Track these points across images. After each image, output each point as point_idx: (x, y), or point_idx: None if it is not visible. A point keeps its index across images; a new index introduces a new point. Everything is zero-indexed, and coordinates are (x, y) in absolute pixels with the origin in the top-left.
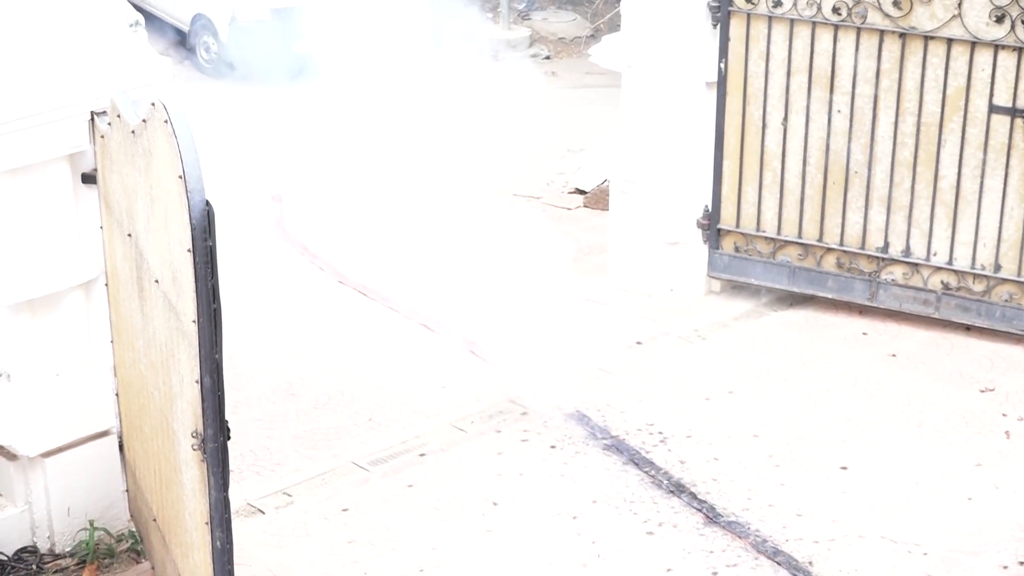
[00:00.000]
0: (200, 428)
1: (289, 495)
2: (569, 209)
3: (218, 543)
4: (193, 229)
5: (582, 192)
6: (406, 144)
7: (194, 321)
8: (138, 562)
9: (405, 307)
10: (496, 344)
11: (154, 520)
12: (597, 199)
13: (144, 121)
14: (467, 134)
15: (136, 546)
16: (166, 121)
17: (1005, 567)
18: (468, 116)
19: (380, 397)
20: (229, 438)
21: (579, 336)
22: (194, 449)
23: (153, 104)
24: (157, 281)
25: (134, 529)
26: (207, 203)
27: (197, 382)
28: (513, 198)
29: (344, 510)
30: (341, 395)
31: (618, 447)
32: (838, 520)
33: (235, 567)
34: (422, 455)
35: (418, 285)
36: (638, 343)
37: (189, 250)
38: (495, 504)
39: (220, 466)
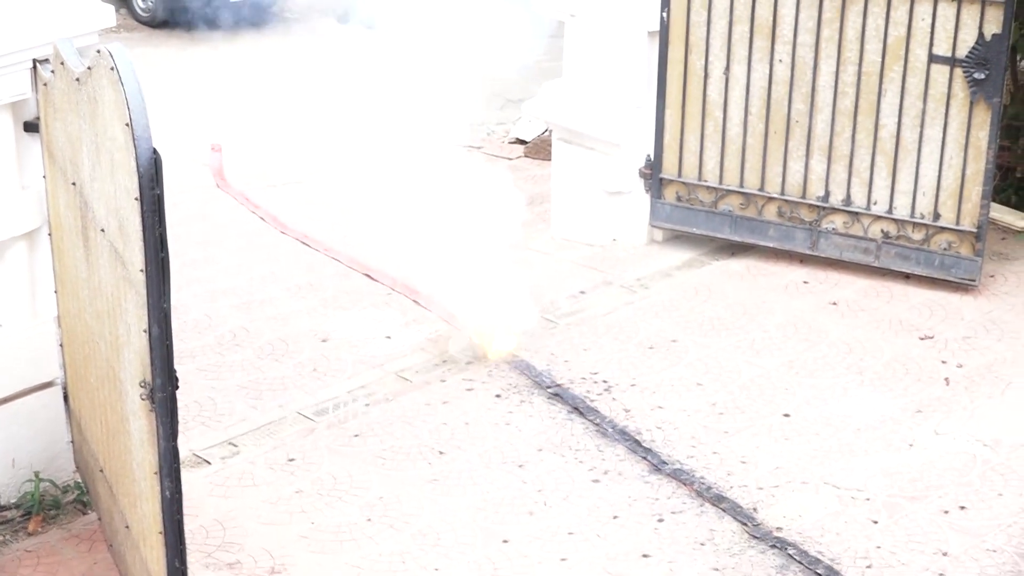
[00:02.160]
0: (148, 378)
1: (235, 445)
2: (510, 159)
3: (167, 493)
4: (140, 177)
5: (523, 142)
6: (343, 94)
7: (142, 270)
8: (84, 513)
9: (347, 256)
10: (440, 293)
11: (101, 471)
12: (538, 149)
13: (89, 69)
14: (405, 83)
15: (82, 497)
16: (112, 68)
17: (946, 512)
18: (404, 64)
19: (325, 347)
20: (177, 387)
21: (522, 285)
22: (142, 399)
23: (99, 51)
24: (103, 230)
25: (80, 480)
26: (154, 151)
27: (145, 331)
28: (453, 148)
29: (290, 460)
30: (285, 345)
31: (563, 396)
32: (782, 467)
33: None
34: (367, 405)
35: (359, 234)
36: (581, 292)
37: (136, 198)
38: (441, 453)
39: (169, 416)
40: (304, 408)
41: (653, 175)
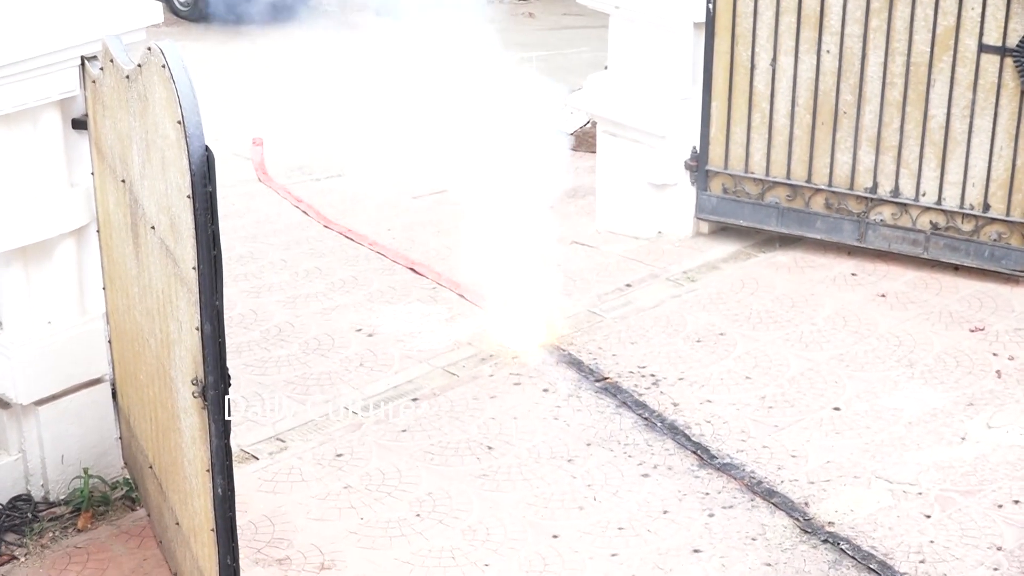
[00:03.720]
0: (201, 375)
1: (282, 441)
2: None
3: (219, 490)
4: (193, 175)
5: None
6: (384, 89)
7: (194, 268)
8: (133, 509)
9: (392, 251)
10: (486, 287)
11: (150, 467)
12: (581, 141)
13: (140, 66)
14: (443, 79)
15: (131, 493)
16: (163, 66)
17: (1000, 506)
18: (444, 61)
19: (371, 342)
20: (230, 385)
21: (569, 279)
22: (194, 396)
23: (150, 48)
24: (153, 227)
25: (128, 477)
26: (207, 148)
27: (197, 329)
28: (494, 141)
29: (338, 455)
30: (331, 340)
31: (610, 390)
32: (832, 461)
33: None
34: (415, 400)
35: (405, 228)
36: (628, 286)
37: (189, 196)
38: (489, 448)
39: (221, 413)
40: (351, 403)
41: (699, 167)
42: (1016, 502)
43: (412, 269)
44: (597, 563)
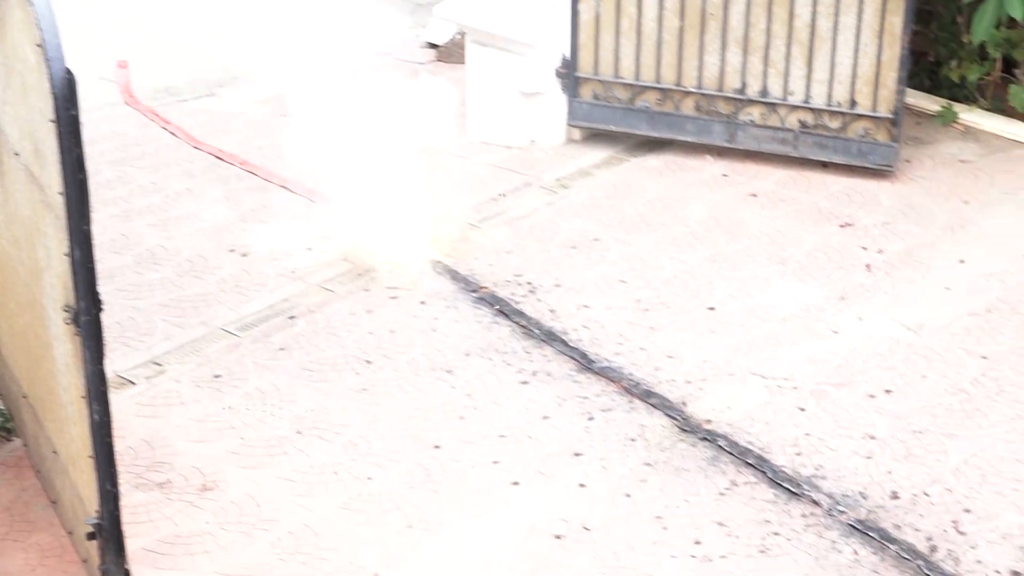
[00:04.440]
0: (72, 302)
1: (159, 364)
2: (422, 63)
3: (96, 416)
4: (55, 99)
5: (435, 46)
6: (251, 9)
7: (61, 193)
8: (9, 440)
9: (264, 169)
10: (359, 202)
11: (24, 397)
12: (450, 53)
13: None
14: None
15: (6, 424)
16: None
17: (872, 396)
18: None
19: (245, 262)
20: (102, 310)
21: (442, 190)
22: (66, 323)
23: None
24: (17, 154)
25: (2, 407)
26: (68, 71)
27: (67, 255)
28: (366, 58)
29: (216, 377)
30: (205, 262)
31: (487, 300)
32: (709, 360)
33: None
34: (292, 318)
35: (276, 146)
36: (501, 195)
37: (52, 120)
38: (368, 363)
39: (95, 339)
40: (228, 324)
41: (569, 74)
42: (888, 392)
43: (284, 187)
44: (479, 471)
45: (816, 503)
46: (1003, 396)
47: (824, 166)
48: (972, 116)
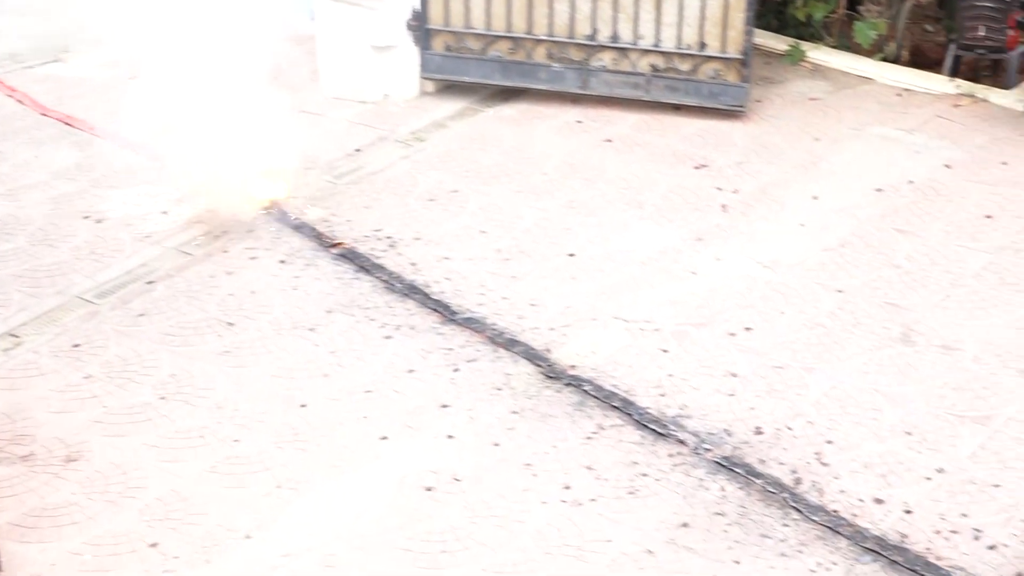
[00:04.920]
0: None
1: (16, 336)
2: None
3: None
4: None
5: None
6: None
7: None
8: None
9: (114, 134)
10: (214, 164)
11: None
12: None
13: None
14: None
15: None
16: None
17: (732, 334)
18: None
19: (100, 228)
20: None
21: (297, 148)
22: None
23: None
24: None
25: None
26: None
27: None
28: (214, 18)
29: (75, 346)
30: (59, 230)
31: (348, 256)
32: (571, 306)
33: None
34: (150, 283)
35: (126, 111)
36: (357, 150)
37: None
38: (230, 324)
39: None
40: (85, 292)
41: (420, 27)
42: (748, 329)
43: (137, 152)
44: (347, 427)
45: (682, 442)
46: (859, 328)
47: (677, 109)
48: (819, 54)
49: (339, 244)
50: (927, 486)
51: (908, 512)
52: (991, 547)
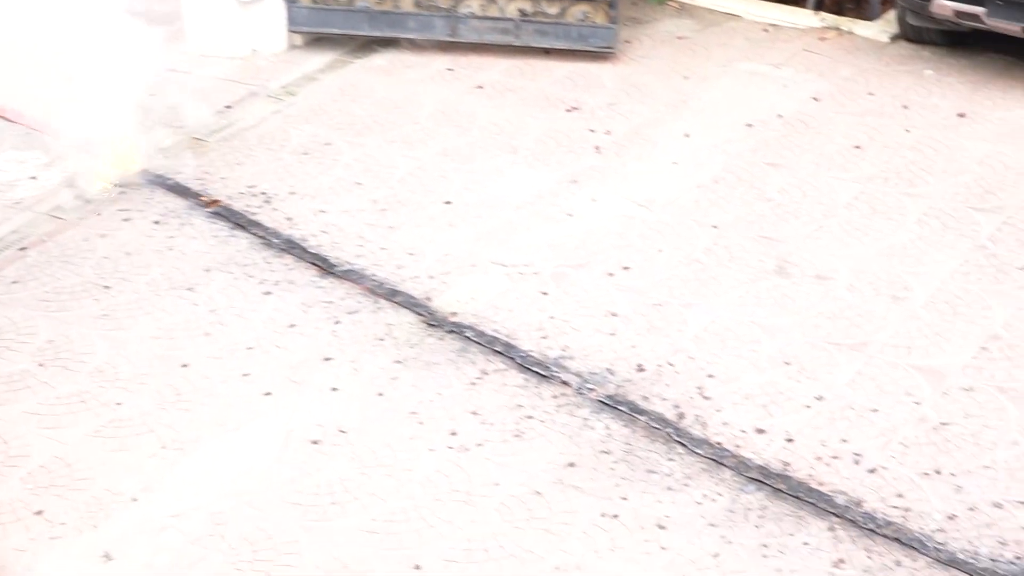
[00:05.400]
0: None
1: None
2: None
3: None
4: None
5: None
6: None
7: None
8: None
9: None
10: (82, 127)
11: None
12: None
13: None
14: None
15: None
16: None
17: (611, 274)
18: None
19: None
20: None
21: (167, 107)
22: None
23: None
24: None
25: None
26: None
27: None
28: None
29: None
30: None
31: (223, 213)
32: (450, 254)
33: None
34: (23, 249)
35: None
36: (227, 107)
37: None
38: (107, 288)
39: None
40: None
41: None
42: (626, 268)
43: (2, 117)
44: (230, 385)
45: (566, 383)
46: (735, 262)
47: (547, 53)
48: None
49: (214, 202)
50: (807, 414)
51: (790, 440)
52: (871, 470)
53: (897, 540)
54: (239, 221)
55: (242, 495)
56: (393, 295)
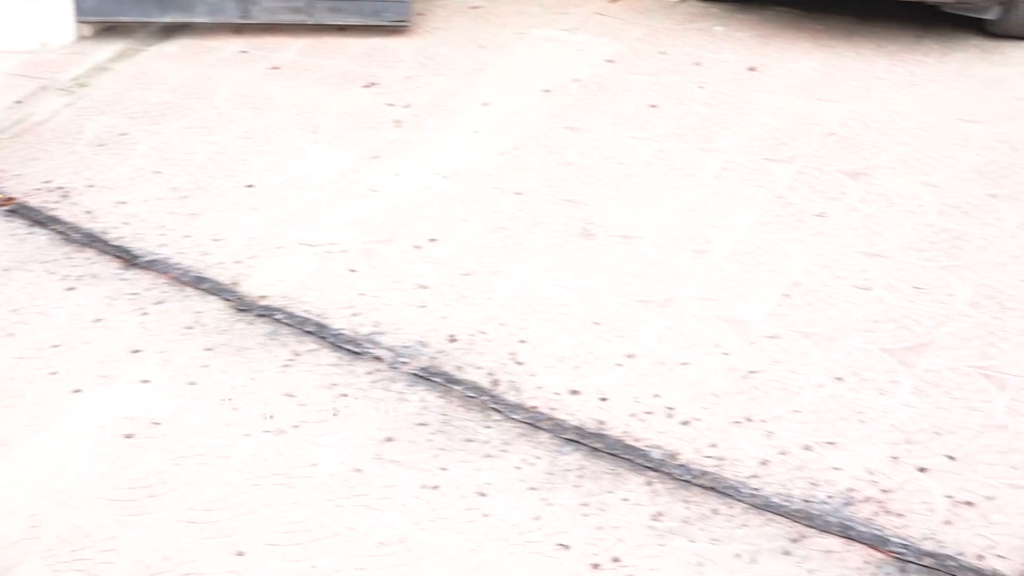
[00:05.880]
0: None
1: None
2: None
3: None
4: None
5: None
6: None
7: None
8: None
9: None
10: None
11: None
12: None
13: None
14: None
15: None
16: None
17: (418, 247)
18: None
19: None
20: None
21: None
22: None
23: None
24: None
25: None
26: None
27: None
28: None
29: None
30: None
31: (20, 211)
32: (255, 237)
33: None
34: None
35: None
36: (18, 102)
37: None
38: None
39: None
40: None
41: None
42: (432, 240)
43: None
44: (38, 384)
45: (379, 359)
46: (539, 227)
47: (342, 30)
48: None
49: (9, 200)
50: (619, 372)
51: (604, 399)
52: (684, 423)
53: (713, 489)
54: (37, 218)
55: (57, 495)
56: (200, 282)
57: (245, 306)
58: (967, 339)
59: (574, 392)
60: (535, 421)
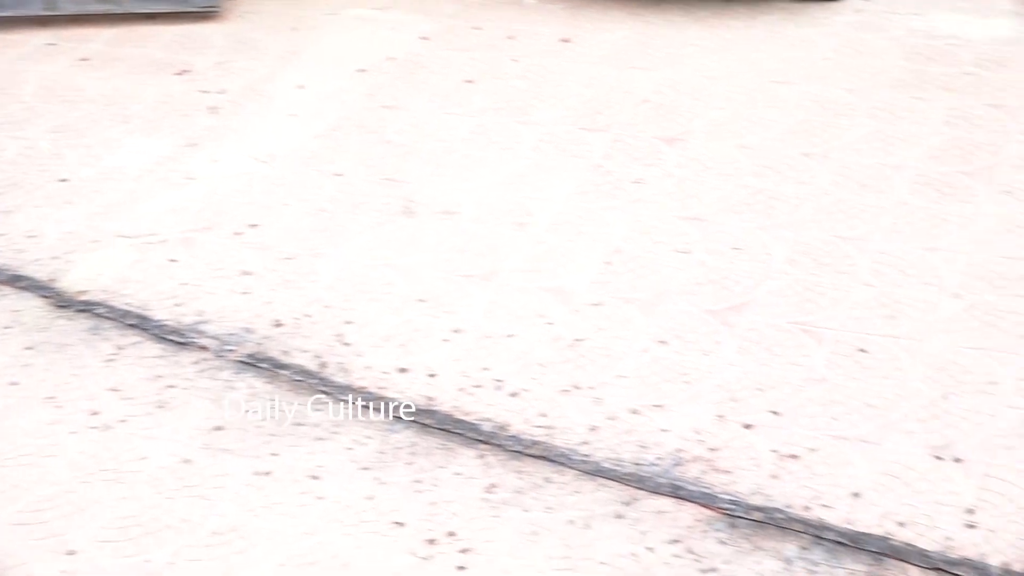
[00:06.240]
0: None
1: None
2: None
3: None
4: None
5: None
6: None
7: None
8: None
9: None
10: None
11: None
12: None
13: None
14: None
15: None
16: None
17: (239, 233)
18: None
19: None
20: None
21: None
22: None
23: None
24: None
25: None
26: None
27: None
28: None
29: None
30: None
31: None
32: (71, 231)
33: None
34: None
35: None
36: None
37: None
38: None
39: None
40: None
41: None
42: (253, 226)
43: None
44: None
45: (204, 348)
46: (360, 207)
47: (152, 18)
48: None
49: None
50: (447, 348)
51: (432, 376)
52: (513, 394)
53: (544, 458)
54: None
55: None
56: (16, 280)
57: (65, 302)
58: (785, 296)
59: (402, 370)
60: (364, 401)
